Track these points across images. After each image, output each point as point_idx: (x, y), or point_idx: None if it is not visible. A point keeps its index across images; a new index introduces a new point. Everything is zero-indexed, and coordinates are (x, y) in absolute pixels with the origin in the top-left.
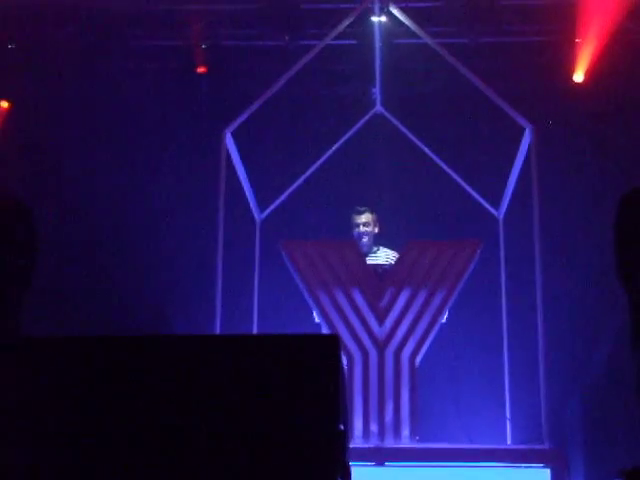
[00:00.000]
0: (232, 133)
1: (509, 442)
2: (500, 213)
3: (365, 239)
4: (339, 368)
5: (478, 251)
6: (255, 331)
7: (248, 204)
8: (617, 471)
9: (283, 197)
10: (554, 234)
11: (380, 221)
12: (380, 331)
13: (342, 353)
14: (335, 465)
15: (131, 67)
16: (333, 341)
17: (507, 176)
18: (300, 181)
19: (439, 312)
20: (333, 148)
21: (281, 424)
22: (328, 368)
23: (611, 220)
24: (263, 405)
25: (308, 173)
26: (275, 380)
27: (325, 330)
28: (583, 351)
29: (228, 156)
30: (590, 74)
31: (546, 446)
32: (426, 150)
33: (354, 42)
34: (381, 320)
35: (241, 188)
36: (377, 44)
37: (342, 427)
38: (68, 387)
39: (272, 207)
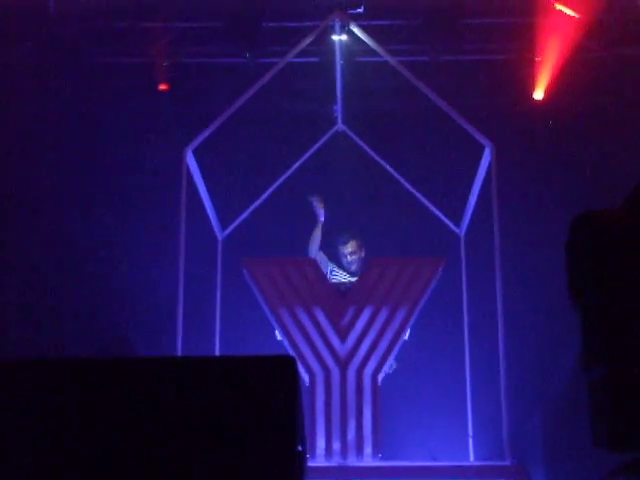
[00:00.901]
0: (193, 151)
1: (471, 459)
2: (461, 230)
3: (354, 266)
4: (296, 389)
5: (440, 268)
6: (217, 350)
7: (210, 222)
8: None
9: (245, 215)
10: (515, 251)
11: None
12: (342, 349)
13: (304, 371)
14: None
15: (92, 85)
16: (289, 362)
17: (468, 194)
18: (262, 199)
19: (401, 329)
20: (295, 166)
21: (238, 446)
22: (285, 389)
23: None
24: (219, 427)
25: (270, 191)
26: (231, 402)
27: (288, 348)
28: (545, 368)
29: (189, 174)
30: (549, 92)
31: (508, 462)
32: (387, 168)
33: (316, 60)
34: (343, 338)
35: (203, 206)
36: (338, 62)
37: (300, 448)
38: (26, 410)
39: (234, 225)
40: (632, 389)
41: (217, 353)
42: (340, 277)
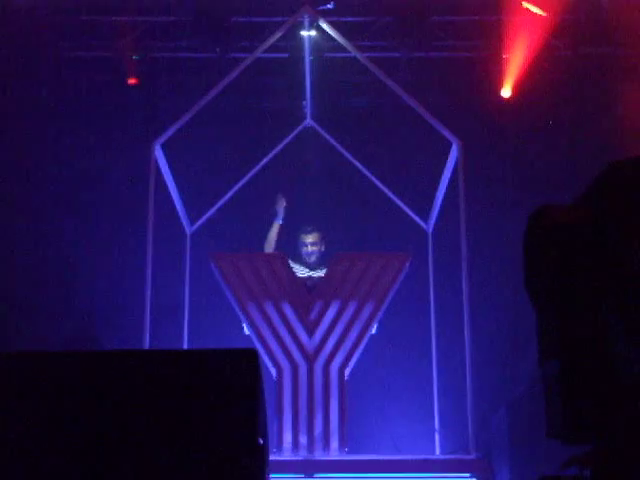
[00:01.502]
0: (162, 145)
1: (437, 452)
2: (429, 226)
3: (313, 258)
4: (257, 382)
5: (407, 264)
6: (185, 344)
7: (178, 217)
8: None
9: (213, 210)
10: (482, 247)
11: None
12: (309, 343)
13: (271, 365)
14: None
15: (61, 78)
16: (251, 355)
17: (436, 190)
18: (230, 193)
19: (368, 324)
20: (264, 161)
21: (199, 439)
22: (246, 382)
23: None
24: (180, 420)
25: (238, 185)
26: (192, 395)
27: (255, 343)
28: (510, 362)
29: (157, 168)
30: (517, 89)
31: (473, 456)
32: (356, 163)
33: (285, 55)
34: (310, 332)
35: (171, 201)
36: (307, 58)
37: (261, 441)
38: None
39: (202, 220)
40: (583, 382)
41: (185, 347)
42: (298, 272)
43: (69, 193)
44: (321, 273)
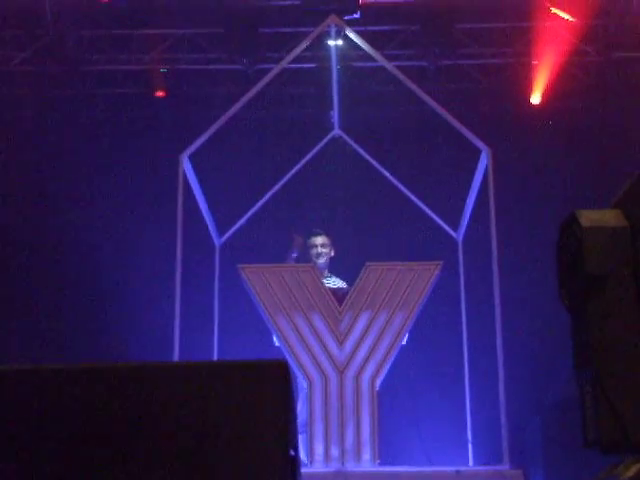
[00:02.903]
0: (189, 157)
1: (470, 464)
2: (459, 235)
3: (322, 260)
4: (288, 394)
5: (437, 273)
6: (215, 357)
7: (207, 229)
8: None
9: (242, 221)
10: (513, 254)
11: (336, 244)
12: (340, 354)
13: (302, 377)
14: None
15: (89, 92)
16: (282, 367)
17: (465, 198)
18: (259, 205)
19: (399, 334)
20: (292, 172)
21: (230, 452)
22: (277, 394)
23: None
24: (211, 433)
25: (267, 197)
26: (222, 408)
27: (285, 354)
28: (544, 371)
29: (186, 180)
30: (546, 96)
31: (506, 466)
32: (385, 173)
33: (312, 66)
34: (340, 343)
35: (199, 213)
36: (334, 68)
37: (292, 453)
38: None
39: (231, 231)
40: (620, 389)
41: (215, 359)
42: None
43: (99, 206)
44: (331, 282)
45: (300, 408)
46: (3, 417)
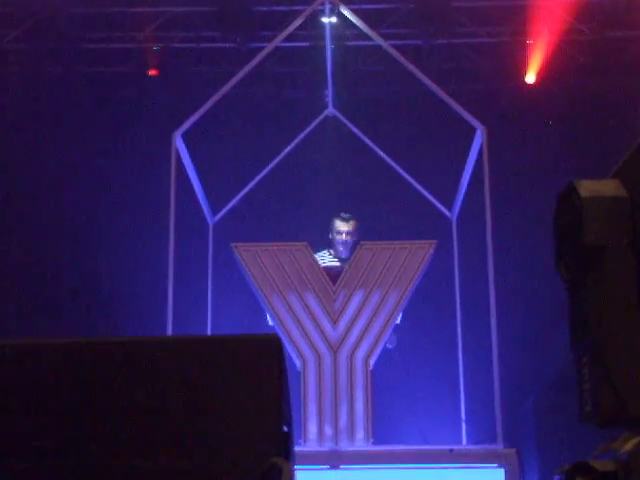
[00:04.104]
0: (182, 135)
1: (464, 443)
2: (453, 214)
3: (346, 248)
4: (281, 368)
5: (432, 252)
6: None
7: (200, 207)
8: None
9: (235, 200)
10: (507, 234)
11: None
12: (333, 333)
13: (295, 356)
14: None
15: (82, 70)
16: (274, 341)
17: (460, 177)
18: (252, 184)
19: (393, 313)
20: (285, 151)
21: (222, 427)
22: (268, 368)
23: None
24: (201, 407)
25: (260, 176)
26: (213, 382)
27: (278, 333)
28: (539, 350)
29: (179, 159)
30: (541, 75)
31: (500, 446)
32: (378, 151)
33: (306, 44)
34: (334, 322)
35: (193, 191)
36: (328, 46)
37: (286, 429)
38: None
39: (224, 210)
40: (618, 362)
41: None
42: (326, 260)
43: (92, 185)
44: (327, 260)
45: None
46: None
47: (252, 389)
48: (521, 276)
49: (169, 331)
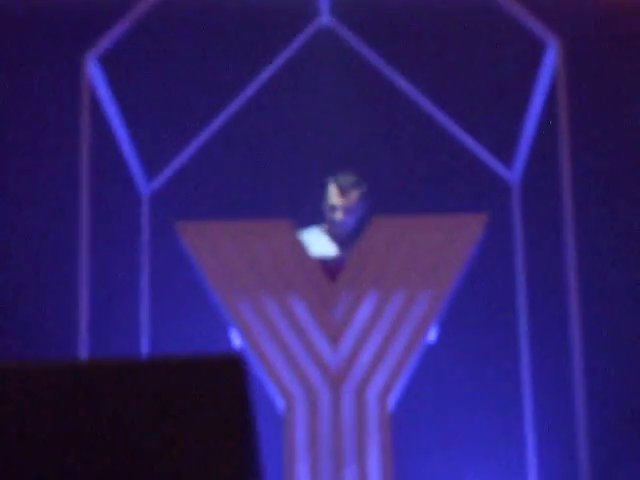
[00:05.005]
0: (100, 60)
1: None
2: (514, 174)
3: (343, 229)
4: (243, 404)
5: (481, 230)
6: (146, 347)
7: (129, 171)
8: None
9: (182, 159)
10: (593, 201)
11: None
12: (333, 357)
13: (276, 393)
14: None
15: None
16: (234, 364)
17: (522, 120)
18: (207, 134)
19: (423, 326)
20: (256, 82)
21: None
22: (227, 404)
23: None
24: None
25: (219, 121)
26: (138, 420)
27: (250, 358)
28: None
29: (94, 95)
30: None
31: None
32: (397, 80)
33: None
34: (334, 340)
35: (117, 147)
36: None
37: None
38: None
39: (166, 174)
40: None
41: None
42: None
43: None
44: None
45: None
46: None
47: (201, 435)
48: (618, 261)
49: (81, 352)
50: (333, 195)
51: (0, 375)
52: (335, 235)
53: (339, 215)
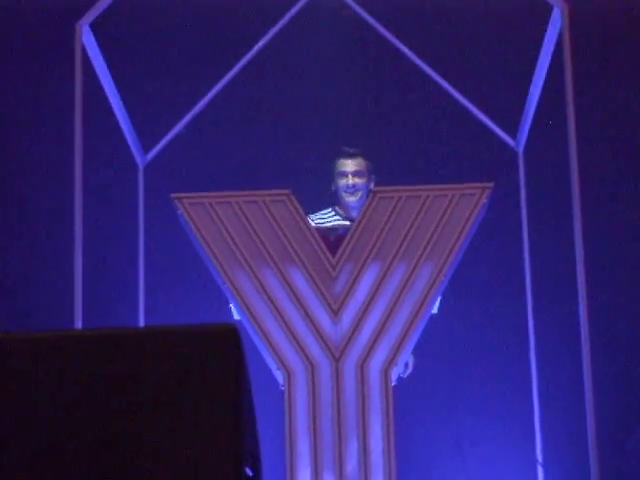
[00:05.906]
0: (92, 27)
1: None
2: (519, 143)
3: (354, 198)
4: (237, 374)
5: (485, 201)
6: (142, 320)
7: (124, 142)
8: None
9: (178, 129)
10: (600, 170)
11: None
12: (334, 331)
13: (276, 367)
14: None
15: None
16: (228, 334)
17: (527, 86)
18: (203, 104)
19: (426, 298)
20: (251, 52)
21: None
22: (222, 377)
23: None
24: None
25: (215, 90)
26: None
27: (249, 331)
28: None
29: (88, 64)
30: None
31: None
32: (402, 48)
33: None
34: (335, 314)
35: (112, 117)
36: None
37: (251, 473)
38: None
39: (161, 145)
40: None
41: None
42: (329, 220)
43: None
44: (327, 219)
45: None
46: None
47: (196, 411)
48: (628, 238)
49: (78, 323)
50: (342, 163)
51: None
52: (352, 208)
53: (352, 179)
